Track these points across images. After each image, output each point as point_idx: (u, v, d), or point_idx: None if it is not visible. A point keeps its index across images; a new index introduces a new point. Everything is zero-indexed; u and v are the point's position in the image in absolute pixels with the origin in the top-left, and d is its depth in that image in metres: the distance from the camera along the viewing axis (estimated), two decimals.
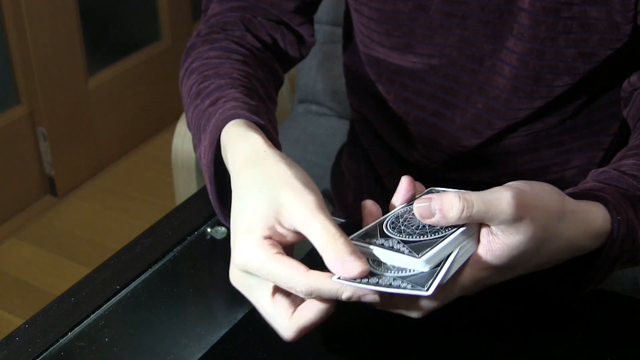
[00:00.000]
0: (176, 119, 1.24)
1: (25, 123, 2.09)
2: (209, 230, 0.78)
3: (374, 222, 0.59)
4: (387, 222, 0.58)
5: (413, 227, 0.56)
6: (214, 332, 0.67)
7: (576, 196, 0.62)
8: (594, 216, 0.60)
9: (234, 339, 0.66)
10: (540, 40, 0.75)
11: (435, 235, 0.54)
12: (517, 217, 0.54)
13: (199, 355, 0.63)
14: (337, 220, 0.80)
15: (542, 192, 0.57)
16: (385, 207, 0.61)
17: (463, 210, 0.53)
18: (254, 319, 0.67)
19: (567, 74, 0.77)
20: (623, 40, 0.75)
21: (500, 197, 0.54)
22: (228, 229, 0.77)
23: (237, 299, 0.78)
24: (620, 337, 0.66)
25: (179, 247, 0.76)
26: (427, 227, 0.56)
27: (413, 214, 0.57)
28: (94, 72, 2.25)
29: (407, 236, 0.55)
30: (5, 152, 2.05)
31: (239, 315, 0.68)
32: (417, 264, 0.52)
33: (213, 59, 0.78)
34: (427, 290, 0.50)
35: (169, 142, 1.22)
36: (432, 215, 0.54)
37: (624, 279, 1.01)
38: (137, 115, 2.43)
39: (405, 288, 0.51)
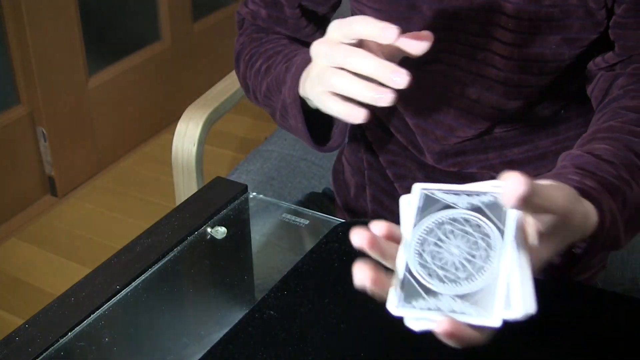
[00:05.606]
0: (176, 119, 1.23)
1: (25, 123, 2.09)
2: (209, 230, 0.78)
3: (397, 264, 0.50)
4: (415, 264, 0.49)
5: (446, 263, 0.49)
6: (214, 332, 0.67)
7: None
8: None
9: (234, 339, 0.66)
10: (525, 28, 0.77)
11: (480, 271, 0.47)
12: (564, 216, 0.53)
13: (199, 356, 0.63)
14: (337, 220, 0.80)
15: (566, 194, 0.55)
16: (387, 202, 0.61)
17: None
18: (254, 319, 0.67)
19: (553, 60, 0.80)
20: (604, 25, 0.77)
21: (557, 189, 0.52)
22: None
23: (237, 299, 0.78)
24: (620, 337, 0.66)
25: (179, 247, 0.76)
26: (462, 259, 0.48)
27: (436, 240, 0.50)
28: (94, 72, 2.25)
29: (452, 284, 0.48)
30: (5, 152, 2.05)
31: (239, 315, 0.68)
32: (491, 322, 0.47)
33: (269, 48, 0.88)
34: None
35: (169, 142, 1.22)
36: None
37: (623, 279, 1.01)
38: (137, 115, 2.43)
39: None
